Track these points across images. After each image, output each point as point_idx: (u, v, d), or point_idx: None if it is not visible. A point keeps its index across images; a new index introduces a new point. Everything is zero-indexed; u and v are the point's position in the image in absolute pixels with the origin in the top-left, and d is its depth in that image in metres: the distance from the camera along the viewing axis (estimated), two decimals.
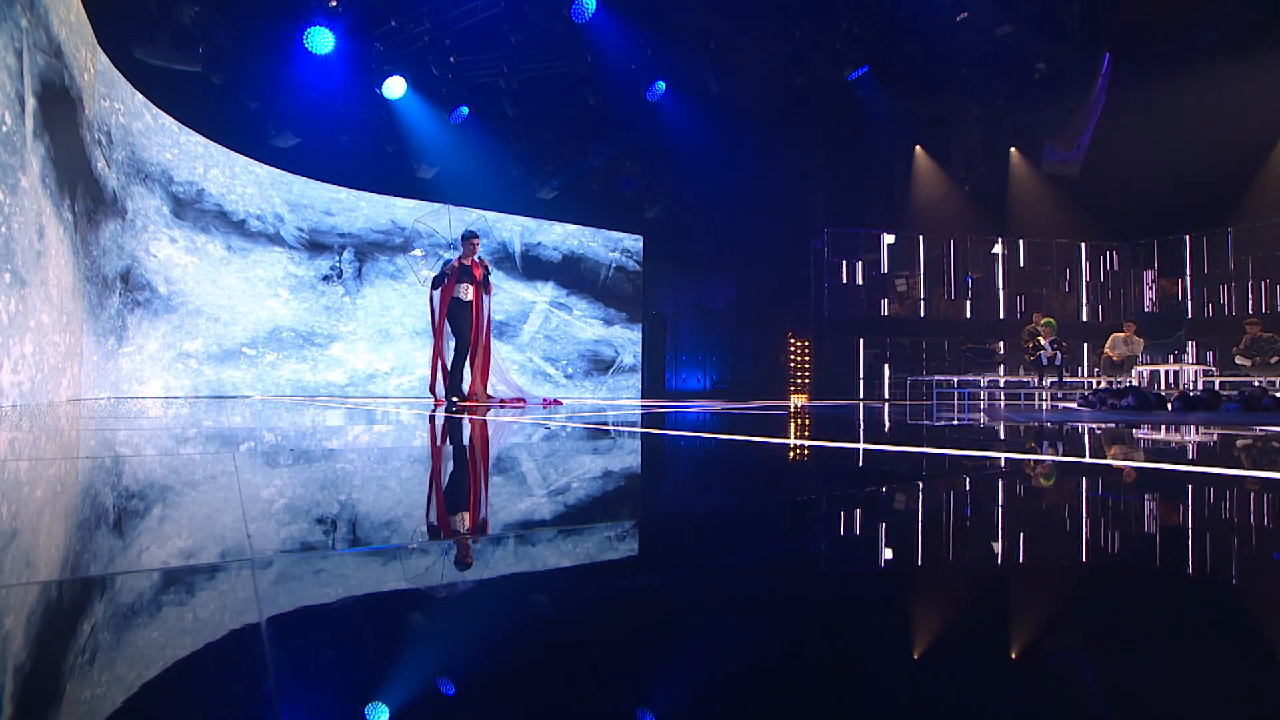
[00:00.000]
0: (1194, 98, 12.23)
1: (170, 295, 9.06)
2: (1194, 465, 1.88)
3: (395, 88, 9.52)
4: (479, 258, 6.97)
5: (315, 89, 9.31)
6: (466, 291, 6.90)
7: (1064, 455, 2.20)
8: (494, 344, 7.28)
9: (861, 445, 2.53)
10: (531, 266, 13.06)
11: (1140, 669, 0.57)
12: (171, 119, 8.81)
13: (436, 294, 6.96)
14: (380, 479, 1.54)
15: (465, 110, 10.59)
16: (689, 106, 11.41)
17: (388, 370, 11.59)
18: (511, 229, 12.94)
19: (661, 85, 10.80)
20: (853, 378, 13.55)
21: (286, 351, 10.51)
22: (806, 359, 14.87)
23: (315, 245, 10.89)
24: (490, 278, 7.11)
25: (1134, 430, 3.70)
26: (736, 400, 11.86)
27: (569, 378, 13.37)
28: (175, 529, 1.01)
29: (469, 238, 6.95)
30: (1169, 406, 8.04)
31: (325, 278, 10.91)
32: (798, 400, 12.90)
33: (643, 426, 3.56)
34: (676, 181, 13.40)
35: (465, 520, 1.15)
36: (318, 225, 10.93)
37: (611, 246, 14.10)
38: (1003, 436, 3.23)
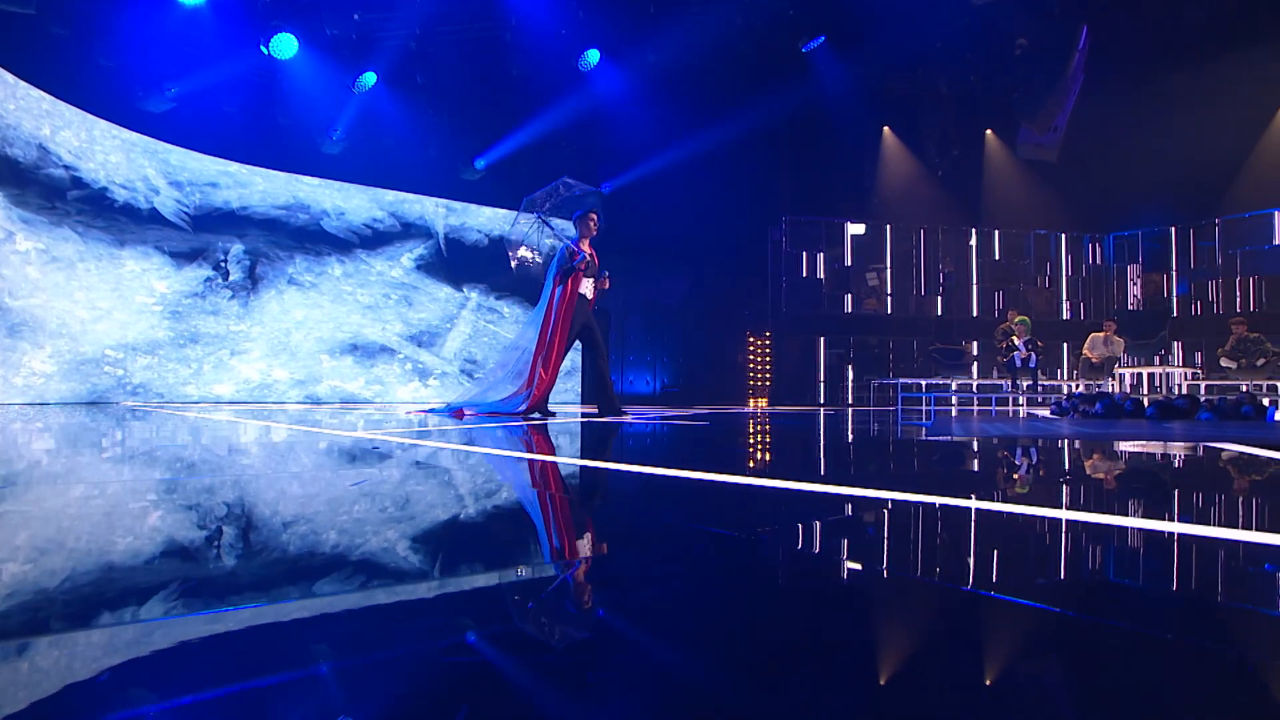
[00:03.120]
0: (1181, 80, 12.19)
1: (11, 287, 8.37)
2: (1087, 512, 1.50)
3: (284, 47, 8.93)
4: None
5: (189, 46, 8.68)
6: (589, 285, 6.11)
7: (981, 498, 1.80)
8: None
9: (745, 480, 2.12)
10: (456, 253, 12.54)
11: None
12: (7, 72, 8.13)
13: (559, 290, 5.98)
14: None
15: (372, 78, 10.03)
16: (628, 80, 11.01)
17: (286, 380, 10.97)
18: (434, 212, 12.41)
19: (594, 55, 10.37)
20: (814, 380, 13.26)
21: (165, 352, 9.85)
22: (767, 360, 14.56)
23: (201, 224, 10.24)
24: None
25: (1085, 448, 3.37)
26: (684, 406, 11.49)
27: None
28: None
29: (586, 214, 6.10)
30: (1145, 413, 7.84)
31: (208, 280, 10.26)
32: (752, 406, 12.58)
33: (502, 448, 3.11)
34: (620, 164, 12.99)
35: None
36: (204, 203, 10.27)
37: (547, 232, 13.63)
38: (926, 466, 2.85)
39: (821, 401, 13.17)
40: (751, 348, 15.13)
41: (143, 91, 8.82)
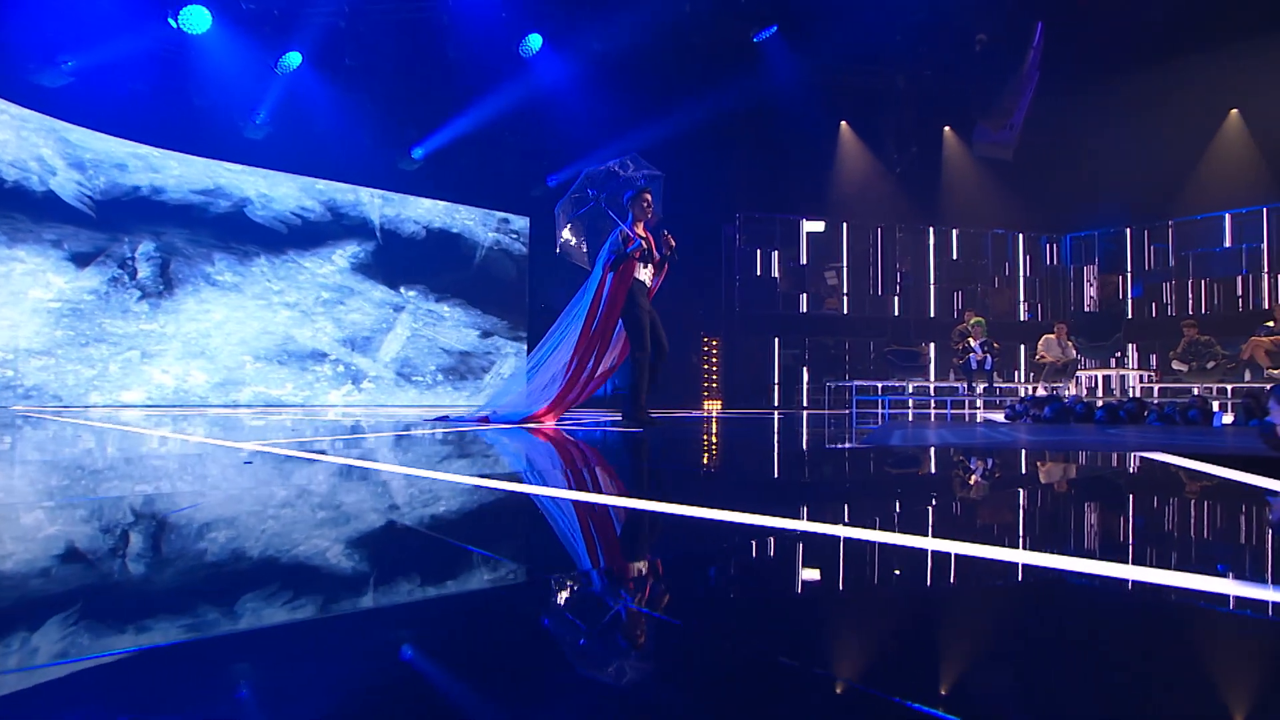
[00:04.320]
0: (1136, 81, 12.46)
1: None
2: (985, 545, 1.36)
3: (195, 20, 8.50)
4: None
5: (87, 15, 8.20)
6: (646, 273, 5.52)
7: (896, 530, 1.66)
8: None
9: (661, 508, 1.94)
10: (394, 248, 12.19)
11: None
12: None
13: (612, 277, 5.41)
14: None
15: (297, 58, 9.64)
16: (573, 68, 10.82)
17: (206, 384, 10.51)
18: (369, 203, 12.04)
19: (537, 40, 10.14)
20: (769, 382, 13.22)
21: (65, 352, 9.32)
22: (720, 362, 14.51)
23: (107, 210, 9.72)
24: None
25: (1010, 461, 3.29)
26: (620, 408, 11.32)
27: (434, 385, 12.54)
28: None
29: (640, 193, 5.51)
30: (1095, 418, 7.92)
31: (114, 279, 9.75)
32: (706, 409, 12.48)
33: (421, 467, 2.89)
34: (566, 155, 12.78)
35: None
36: (110, 186, 9.76)
37: (492, 226, 13.36)
38: (833, 484, 2.72)
39: (776, 404, 13.13)
40: (706, 348, 15.04)
41: (35, 64, 8.32)
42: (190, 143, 10.30)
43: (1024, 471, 2.99)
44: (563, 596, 1.05)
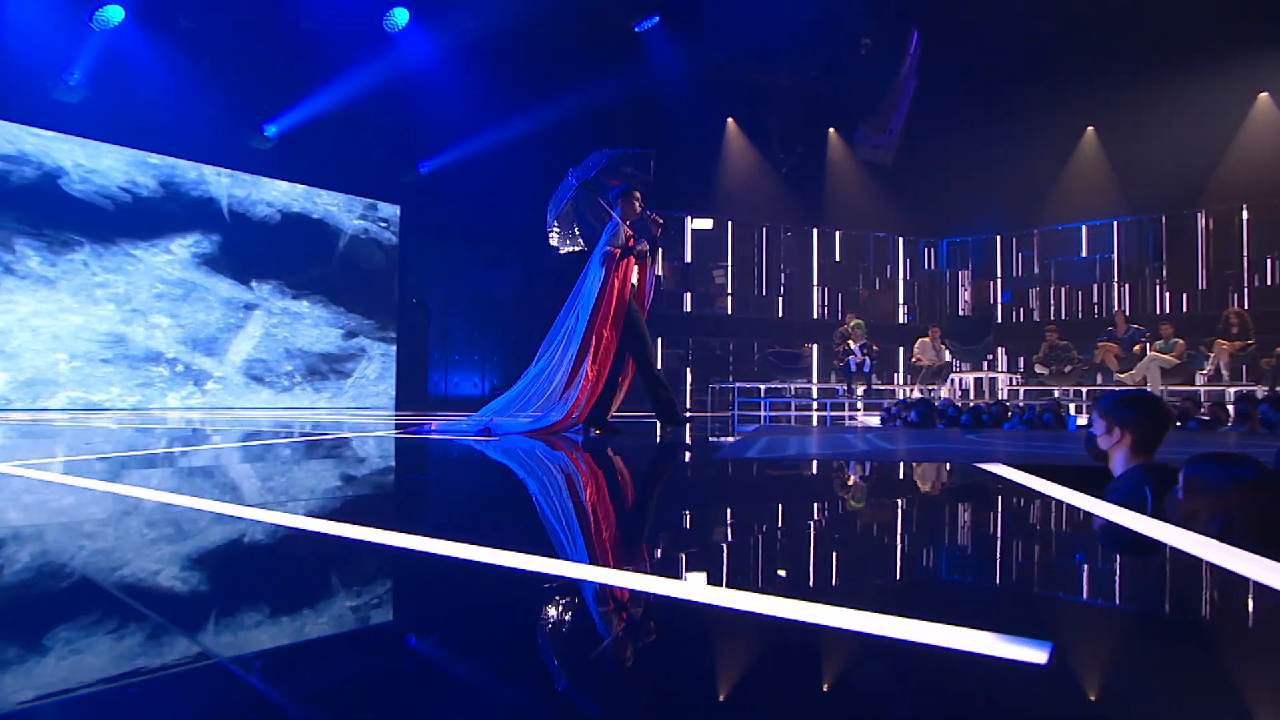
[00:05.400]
0: (1008, 93, 13.27)
1: None
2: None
3: None
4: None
5: None
6: (635, 272, 5.40)
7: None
8: None
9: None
10: (244, 234, 11.31)
11: None
12: None
13: (611, 279, 5.21)
14: None
15: (118, 12, 8.73)
16: (444, 47, 10.40)
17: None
18: (214, 181, 11.11)
19: (403, 15, 9.65)
20: None
21: None
22: None
23: None
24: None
25: (839, 475, 3.30)
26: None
27: (290, 388, 11.76)
28: None
29: (630, 191, 5.36)
30: (960, 421, 8.27)
31: None
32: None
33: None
34: (439, 141, 12.30)
35: None
36: None
37: (357, 212, 12.68)
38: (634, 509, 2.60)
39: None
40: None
41: None
42: None
43: (841, 493, 3.00)
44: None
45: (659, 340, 13.39)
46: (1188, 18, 11.11)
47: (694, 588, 1.33)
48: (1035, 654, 0.98)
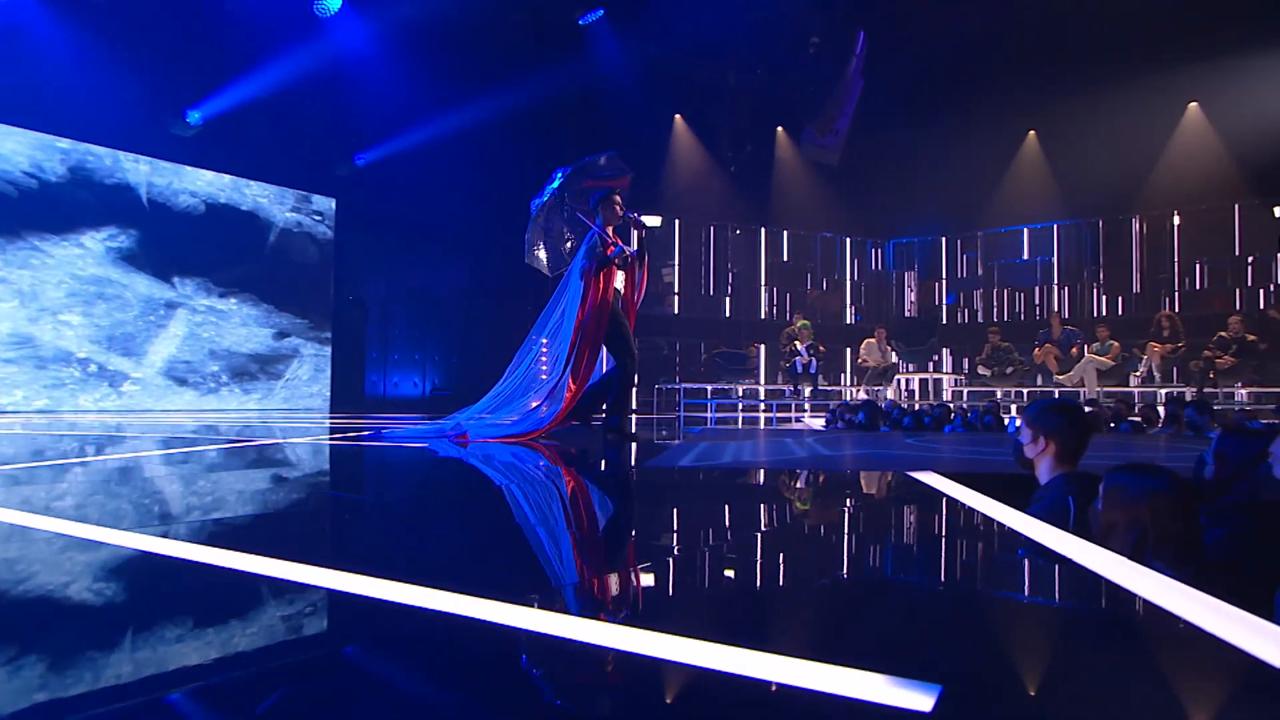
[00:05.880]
0: (951, 95, 13.55)
1: None
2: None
3: None
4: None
5: None
6: (620, 280, 5.43)
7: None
8: None
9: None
10: (165, 226, 10.83)
11: None
12: None
13: (591, 287, 5.20)
14: None
15: None
16: (380, 35, 10.15)
17: None
18: (133, 170, 10.62)
19: (335, 1, 9.37)
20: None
21: None
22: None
23: None
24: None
25: (767, 487, 3.27)
26: (441, 411, 10.84)
27: (217, 389, 11.32)
28: None
29: (610, 196, 5.30)
30: (903, 424, 8.38)
31: None
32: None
33: None
34: (377, 132, 12.01)
35: None
36: None
37: (289, 205, 12.28)
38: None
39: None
40: (544, 347, 14.73)
41: None
42: None
43: (754, 512, 2.98)
44: None
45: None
46: (1124, 27, 11.50)
47: (533, 616, 1.25)
48: (921, 699, 0.93)
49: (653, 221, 13.90)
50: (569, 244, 5.76)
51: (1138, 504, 2.06)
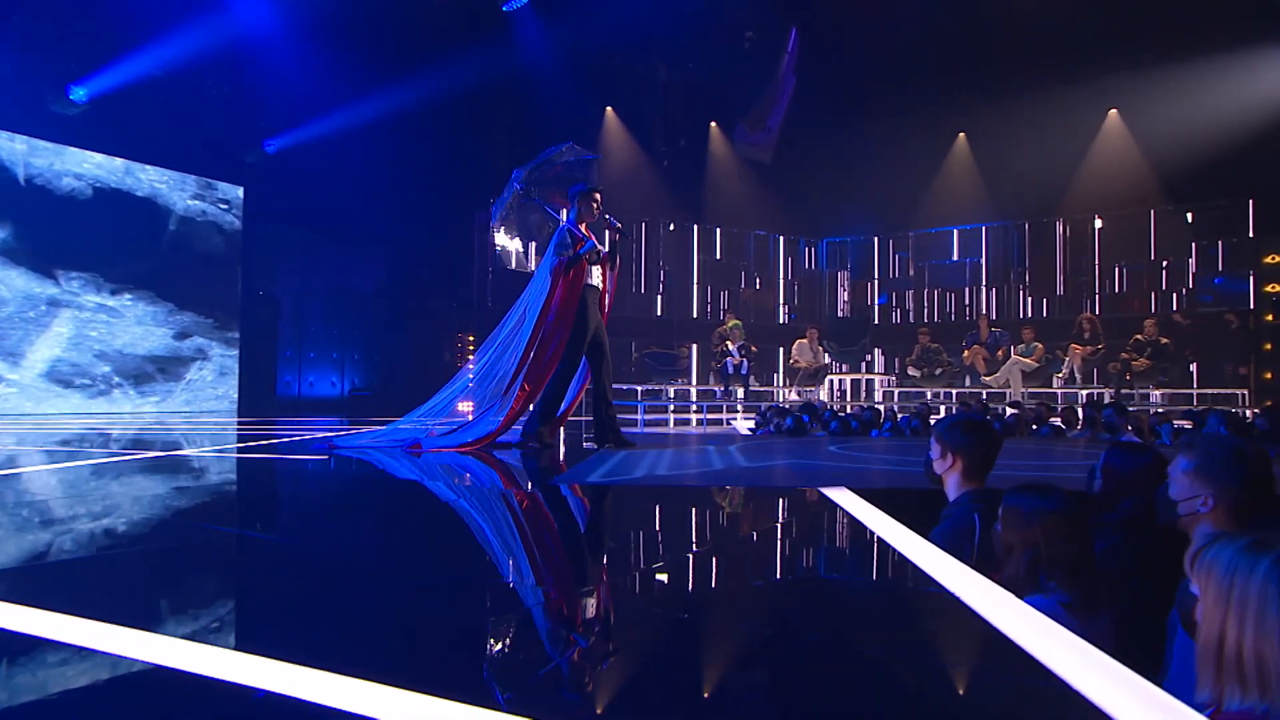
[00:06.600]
0: (884, 94, 13.79)
1: None
2: None
3: None
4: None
5: None
6: (597, 275, 5.38)
7: None
8: None
9: None
10: (47, 213, 10.13)
11: None
12: None
13: (562, 283, 5.10)
14: None
15: None
16: (289, 14, 9.70)
17: None
18: (9, 150, 9.90)
19: None
20: None
21: None
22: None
23: None
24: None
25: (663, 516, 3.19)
26: (370, 415, 10.50)
27: (107, 390, 10.67)
28: None
29: (589, 191, 5.34)
30: (830, 428, 8.42)
31: None
32: (464, 410, 11.86)
33: None
34: (287, 118, 11.53)
35: None
36: None
37: (191, 192, 11.68)
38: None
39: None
40: (461, 346, 14.43)
41: None
42: None
43: (638, 540, 2.91)
44: None
45: None
46: (1050, 34, 11.87)
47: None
48: None
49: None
50: (511, 235, 5.87)
51: (1030, 525, 2.06)
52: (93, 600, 1.68)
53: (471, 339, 14.15)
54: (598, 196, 5.43)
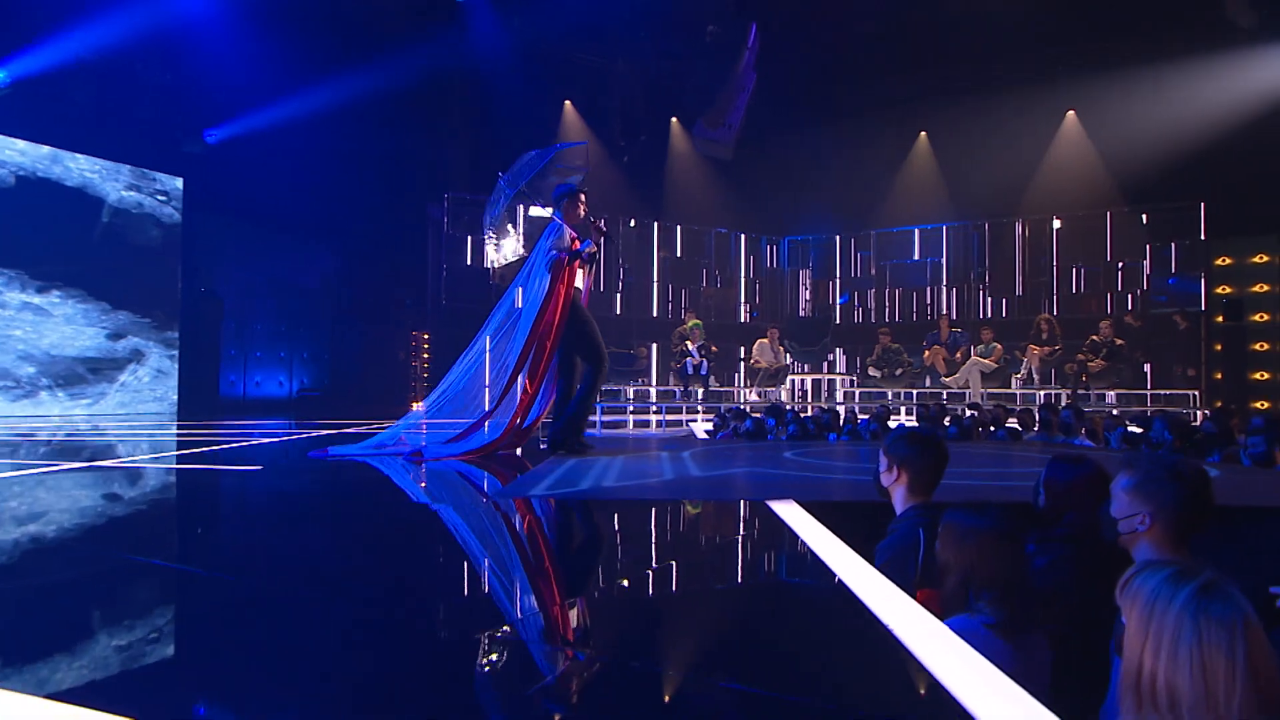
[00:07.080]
0: (846, 92, 13.87)
1: None
2: None
3: None
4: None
5: None
6: (580, 276, 5.38)
7: None
8: None
9: None
10: None
11: None
12: None
13: (550, 280, 5.08)
14: None
15: None
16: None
17: None
18: None
19: None
20: (479, 386, 12.75)
21: None
22: (427, 362, 13.78)
23: None
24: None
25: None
26: (318, 416, 10.29)
27: (33, 392, 10.27)
28: None
29: (575, 195, 5.34)
30: (789, 431, 8.40)
31: None
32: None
33: None
34: (229, 107, 11.21)
35: None
36: None
37: (125, 183, 11.29)
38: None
39: (488, 409, 12.72)
40: (415, 344, 14.21)
41: None
42: None
43: (574, 556, 2.83)
44: None
45: (488, 339, 12.92)
46: (1009, 35, 12.05)
47: None
48: None
49: (540, 213, 13.59)
50: (496, 238, 5.91)
51: (965, 544, 2.04)
52: None
53: (426, 337, 13.93)
54: (583, 199, 5.47)
